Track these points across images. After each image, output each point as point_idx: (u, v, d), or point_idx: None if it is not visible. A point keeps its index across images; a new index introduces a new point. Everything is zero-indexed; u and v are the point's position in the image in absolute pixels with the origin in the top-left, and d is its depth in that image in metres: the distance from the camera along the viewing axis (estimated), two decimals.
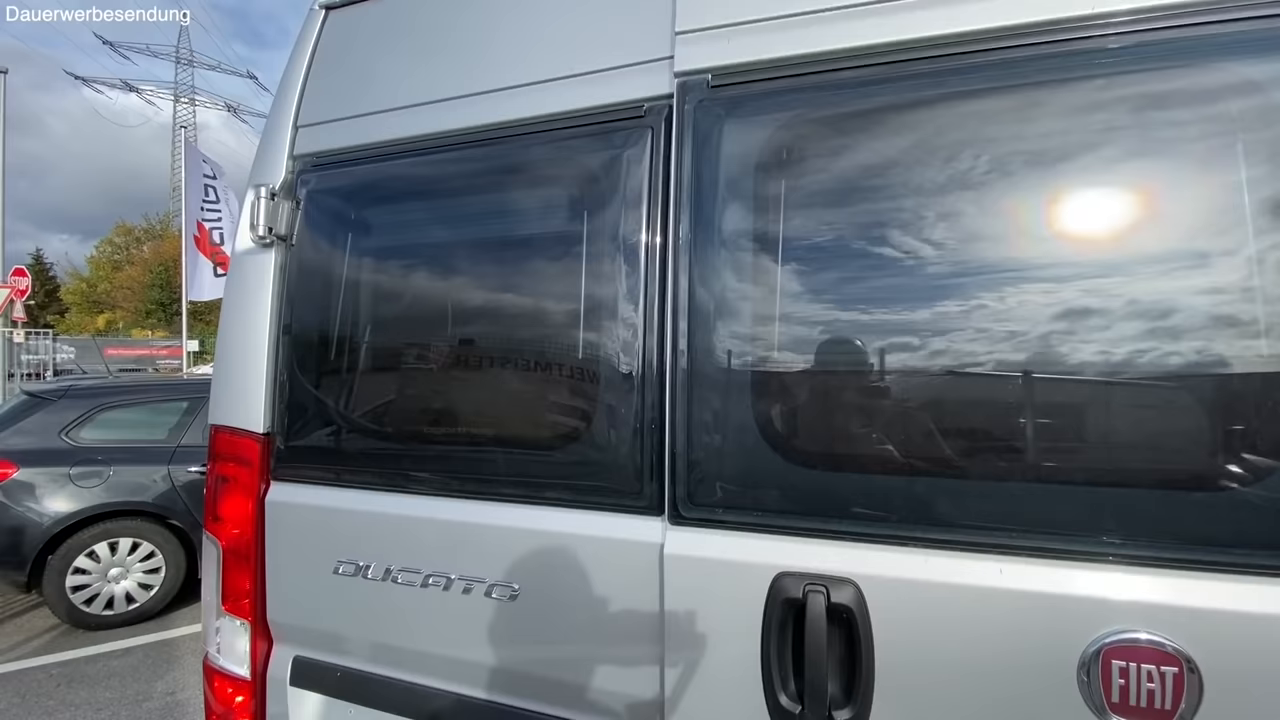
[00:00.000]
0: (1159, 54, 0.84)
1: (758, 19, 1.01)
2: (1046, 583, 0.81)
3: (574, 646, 1.09)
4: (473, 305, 1.27)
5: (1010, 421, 0.88)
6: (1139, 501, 0.80)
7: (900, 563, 0.88)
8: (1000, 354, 0.86)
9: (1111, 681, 0.78)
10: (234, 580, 1.37)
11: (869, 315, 0.94)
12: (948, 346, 0.89)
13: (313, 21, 1.47)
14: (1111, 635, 0.78)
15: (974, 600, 0.84)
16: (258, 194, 1.37)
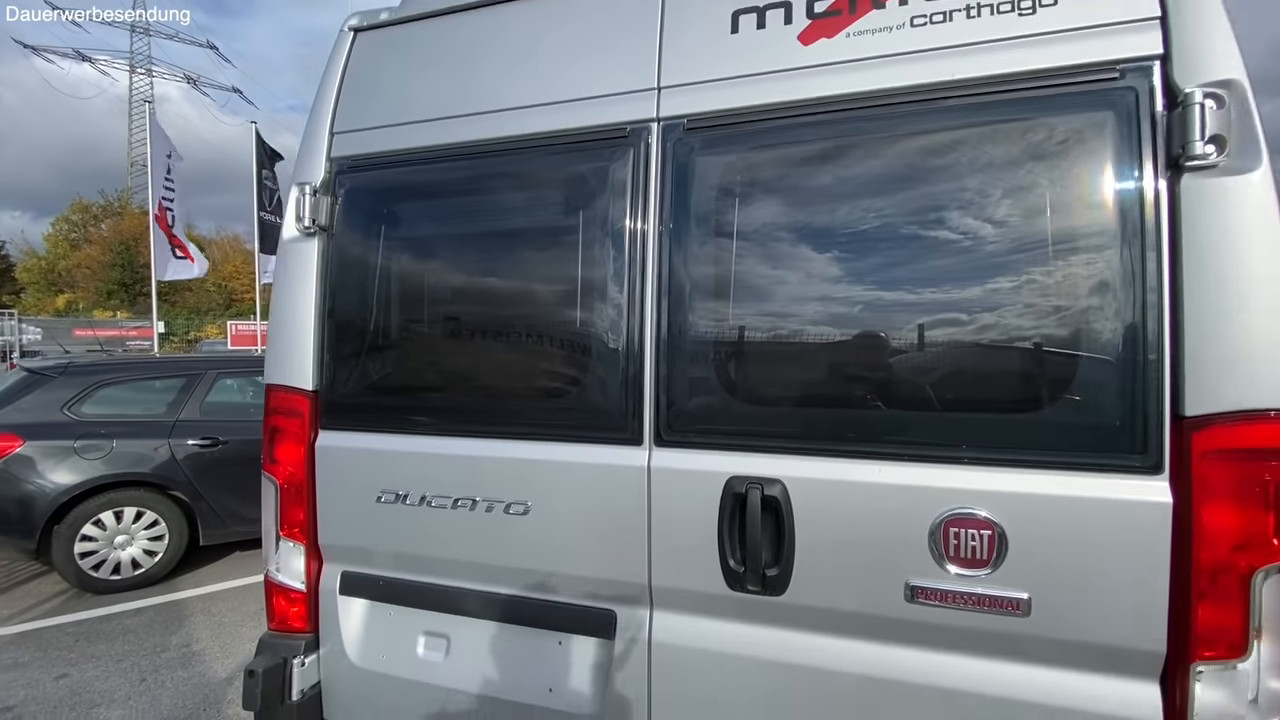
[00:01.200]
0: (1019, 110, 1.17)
1: (712, 79, 1.33)
2: (907, 478, 1.17)
3: (577, 545, 1.42)
4: (488, 285, 1.57)
5: (882, 370, 1.23)
6: (965, 421, 1.16)
7: (812, 467, 1.23)
8: (872, 327, 1.23)
9: (949, 541, 1.14)
10: (290, 512, 1.67)
11: (790, 298, 1.28)
12: (840, 322, 1.24)
13: (343, 42, 1.73)
14: (949, 511, 1.14)
15: (862, 491, 1.19)
16: (302, 190, 1.65)
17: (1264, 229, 1.01)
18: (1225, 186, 1.03)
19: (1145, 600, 1.06)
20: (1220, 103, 1.03)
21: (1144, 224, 1.08)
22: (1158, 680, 1.08)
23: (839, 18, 1.27)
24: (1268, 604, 1.01)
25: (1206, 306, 1.03)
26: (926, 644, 1.19)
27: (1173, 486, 1.05)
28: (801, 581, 1.24)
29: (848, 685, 1.24)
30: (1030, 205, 1.16)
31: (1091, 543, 1.09)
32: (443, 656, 1.59)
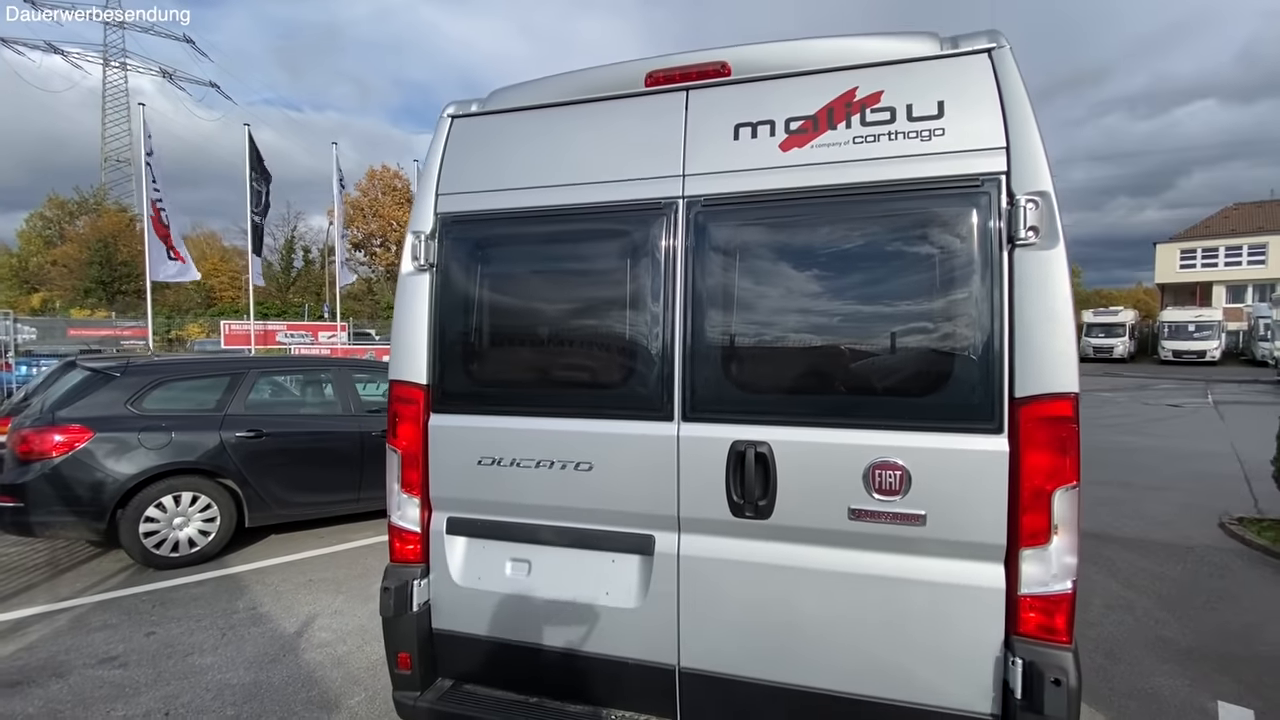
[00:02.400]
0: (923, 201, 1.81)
1: (720, 171, 1.96)
2: (850, 439, 1.82)
3: (627, 490, 2.05)
4: (560, 308, 2.18)
5: (834, 368, 1.88)
6: (886, 402, 1.82)
7: (789, 433, 1.87)
8: (827, 339, 1.88)
9: (875, 479, 1.79)
10: (409, 474, 2.27)
11: (772, 319, 1.93)
12: (806, 336, 1.89)
13: (443, 125, 2.33)
14: (876, 459, 1.79)
15: (821, 448, 1.84)
16: (417, 237, 2.25)
17: (1060, 284, 1.67)
18: (1040, 257, 1.69)
19: (993, 511, 1.72)
20: (1037, 205, 1.69)
21: (993, 277, 1.73)
22: (1002, 562, 1.74)
23: (806, 134, 1.91)
24: (1059, 510, 1.66)
25: (1028, 329, 1.69)
26: (861, 547, 1.84)
27: (1009, 441, 1.71)
28: (781, 509, 1.88)
29: (810, 576, 1.88)
30: (927, 261, 1.81)
31: (963, 477, 1.74)
32: (525, 575, 2.21)
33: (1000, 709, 1.73)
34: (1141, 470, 8.67)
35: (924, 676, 1.80)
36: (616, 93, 2.14)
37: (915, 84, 1.83)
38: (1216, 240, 38.98)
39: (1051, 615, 1.68)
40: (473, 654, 2.25)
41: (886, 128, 1.84)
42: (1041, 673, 1.63)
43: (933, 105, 1.81)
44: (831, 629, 1.87)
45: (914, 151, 1.81)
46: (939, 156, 1.79)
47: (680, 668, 2.02)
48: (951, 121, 1.79)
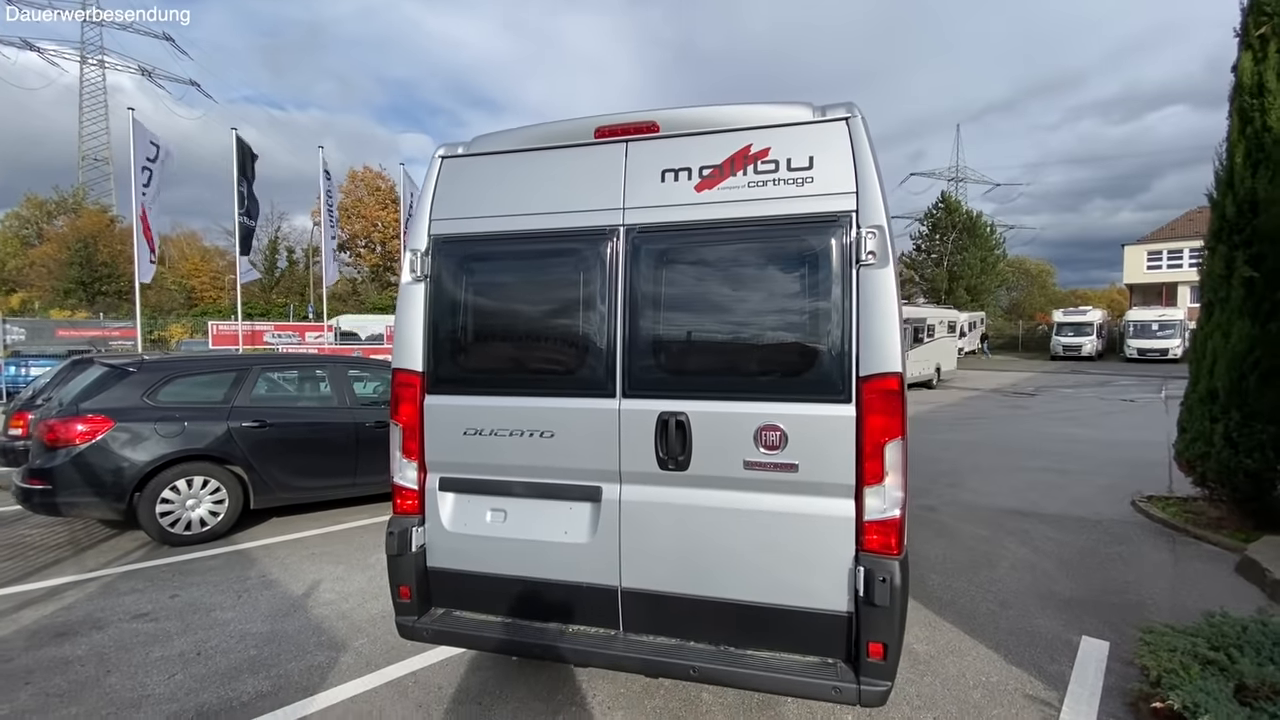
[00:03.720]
0: (797, 231, 2.42)
1: (651, 205, 2.56)
2: (743, 409, 2.42)
3: (580, 451, 2.63)
4: (529, 309, 2.77)
5: (733, 356, 2.49)
6: (770, 381, 2.43)
7: (701, 405, 2.47)
8: (727, 334, 2.48)
9: (761, 438, 2.40)
10: (408, 443, 2.84)
11: (690, 318, 2.53)
12: (713, 331, 2.50)
13: (435, 163, 2.90)
14: (763, 423, 2.40)
15: (723, 415, 2.44)
16: (414, 254, 2.82)
17: (890, 293, 2.29)
18: (877, 274, 2.31)
19: (845, 460, 2.33)
20: (875, 235, 2.31)
21: (845, 287, 2.34)
22: (852, 497, 2.35)
23: (714, 179, 2.51)
24: (890, 458, 2.28)
25: (867, 326, 2.30)
26: (753, 489, 2.44)
27: (855, 408, 2.32)
28: (695, 462, 2.48)
29: (716, 513, 2.48)
30: (799, 276, 2.42)
31: (824, 434, 2.35)
32: (502, 521, 2.79)
33: (852, 606, 2.35)
34: (1079, 459, 9.43)
35: (798, 585, 2.41)
36: (571, 142, 2.73)
37: (794, 142, 2.45)
38: (1181, 242, 40.38)
39: (887, 535, 2.30)
40: (460, 585, 2.83)
41: (773, 175, 2.46)
42: (875, 574, 2.25)
43: (805, 159, 2.42)
44: (732, 552, 2.48)
45: (792, 194, 2.42)
46: (810, 198, 2.40)
47: (622, 588, 2.61)
48: (819, 171, 2.41)
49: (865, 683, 2.28)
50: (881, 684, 2.28)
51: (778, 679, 2.37)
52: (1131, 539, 5.76)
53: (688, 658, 2.47)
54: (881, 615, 2.26)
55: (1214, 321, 5.77)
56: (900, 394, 2.29)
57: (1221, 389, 5.58)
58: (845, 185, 2.38)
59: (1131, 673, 3.34)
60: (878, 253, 2.31)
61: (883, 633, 2.27)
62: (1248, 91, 5.39)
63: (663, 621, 2.59)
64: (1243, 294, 5.44)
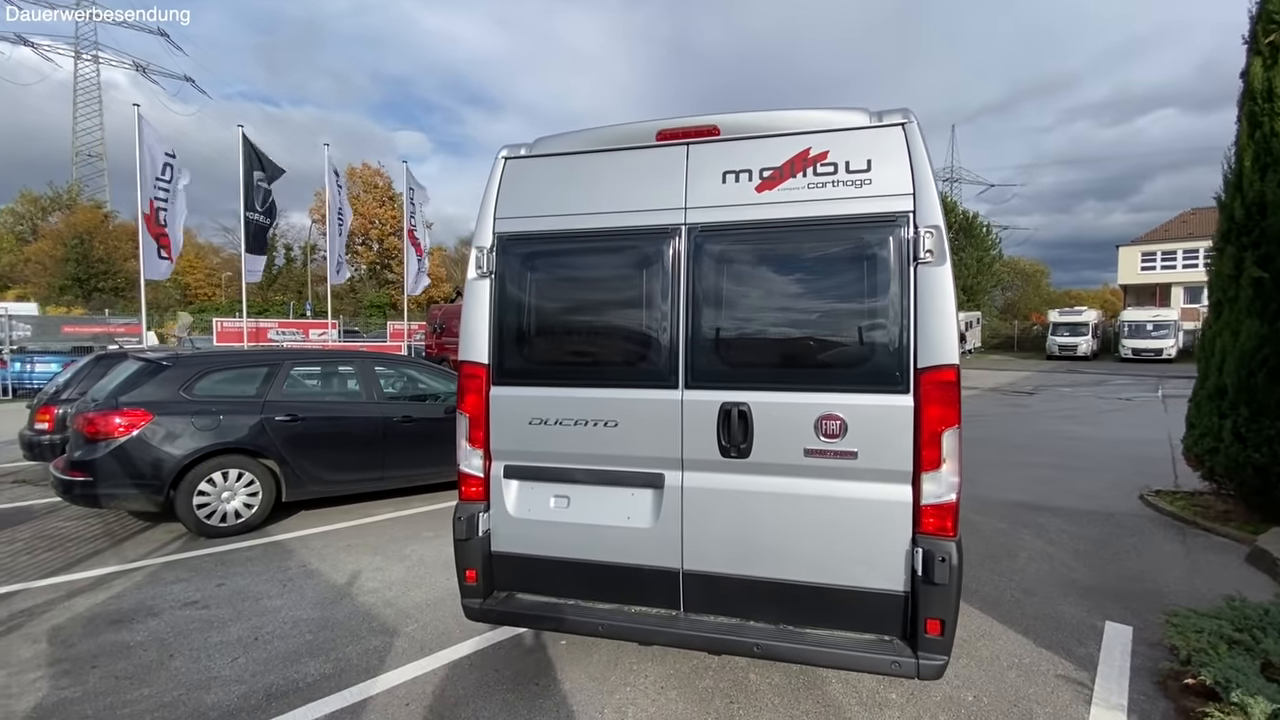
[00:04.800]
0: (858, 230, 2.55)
1: (713, 205, 2.69)
2: (804, 399, 2.55)
3: (644, 440, 2.76)
4: (595, 304, 2.89)
5: (796, 350, 2.62)
6: (832, 373, 2.56)
7: (762, 396, 2.60)
8: (791, 330, 2.61)
9: (822, 426, 2.53)
10: (475, 432, 2.96)
11: (753, 314, 2.65)
12: (778, 327, 2.63)
13: (498, 163, 3.02)
14: (823, 412, 2.53)
15: (784, 405, 2.57)
16: (480, 251, 2.94)
17: (947, 290, 2.42)
18: (934, 271, 2.44)
19: (904, 448, 2.46)
20: (933, 234, 2.44)
21: (904, 285, 2.48)
22: (909, 483, 2.49)
23: (775, 180, 2.64)
24: (947, 445, 2.41)
25: (925, 321, 2.44)
26: (813, 475, 2.57)
27: (913, 398, 2.46)
28: (757, 450, 2.61)
29: (777, 499, 2.61)
30: (858, 273, 2.55)
31: (883, 423, 2.49)
32: (565, 507, 2.91)
33: (909, 587, 2.48)
34: (1082, 455, 9.62)
35: (856, 566, 2.54)
36: (633, 144, 2.86)
37: (852, 146, 2.58)
38: (1175, 243, 40.90)
39: (943, 518, 2.44)
40: (523, 569, 2.95)
41: (832, 178, 2.59)
42: (934, 555, 2.39)
43: (864, 162, 2.56)
44: (791, 535, 2.61)
45: (851, 195, 2.56)
46: (868, 199, 2.54)
47: (683, 570, 2.74)
48: (877, 174, 2.54)
49: (924, 657, 2.41)
50: (939, 658, 2.41)
51: (838, 654, 2.50)
52: (1143, 531, 5.93)
53: (750, 635, 2.60)
54: (939, 593, 2.39)
55: (1223, 320, 5.94)
56: (956, 385, 2.42)
57: (1230, 386, 5.76)
58: (903, 187, 2.51)
59: (1157, 655, 3.50)
60: (935, 251, 2.44)
61: (940, 610, 2.40)
62: (1258, 96, 5.56)
63: (723, 602, 2.72)
64: (1251, 294, 5.61)
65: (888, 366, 2.50)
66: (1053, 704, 3.07)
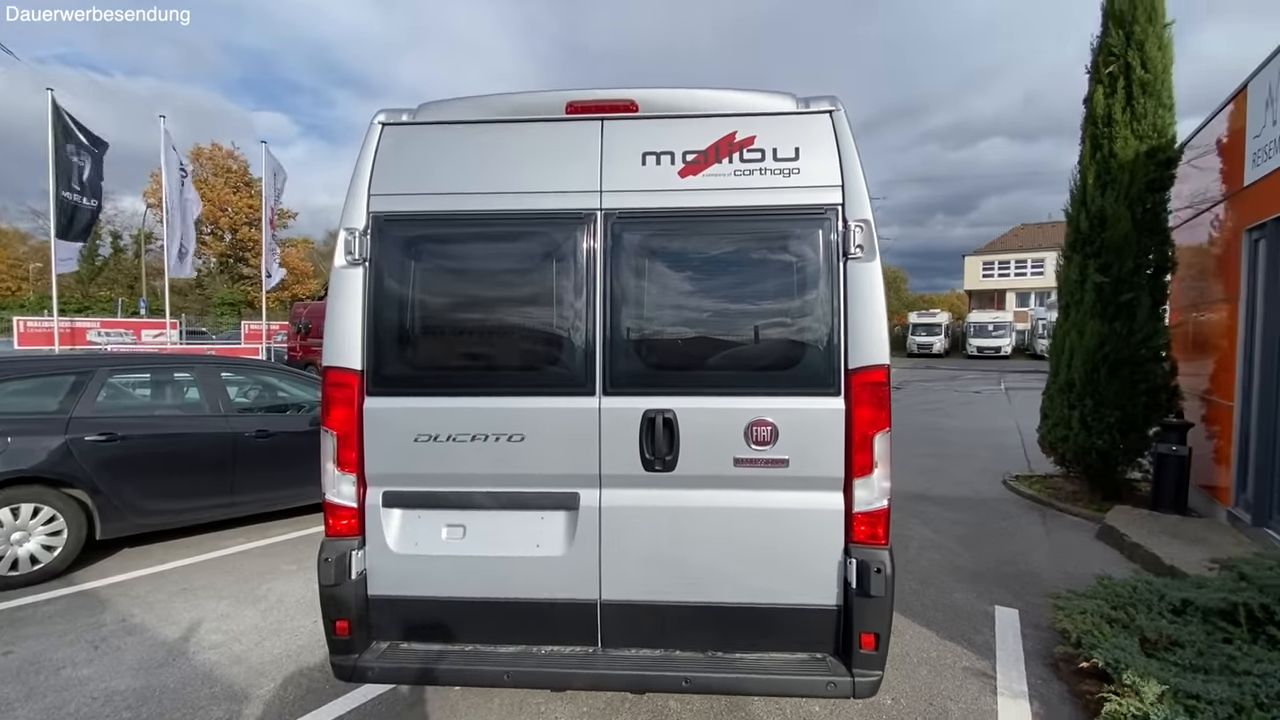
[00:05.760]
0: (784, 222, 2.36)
1: (632, 190, 2.39)
2: (734, 404, 2.32)
3: (556, 455, 2.40)
4: (495, 300, 2.48)
5: (722, 350, 2.39)
6: (761, 375, 2.36)
7: (688, 401, 2.34)
8: (715, 328, 2.37)
9: (752, 433, 2.32)
10: (344, 453, 2.44)
11: (676, 311, 2.39)
12: (702, 325, 2.38)
13: (374, 130, 2.52)
14: (753, 418, 2.32)
15: (712, 411, 2.33)
16: (350, 233, 2.43)
17: (877, 286, 2.30)
18: (864, 267, 2.31)
19: (835, 453, 2.32)
20: (863, 229, 2.31)
21: (834, 281, 2.33)
22: (841, 490, 2.34)
23: (699, 165, 2.39)
24: (879, 449, 2.30)
25: (856, 319, 2.30)
26: (742, 487, 2.36)
27: (844, 400, 2.32)
28: (683, 462, 2.35)
29: (704, 514, 2.37)
30: (788, 268, 2.37)
31: (814, 428, 2.32)
32: (461, 537, 2.48)
33: (842, 600, 2.33)
34: (950, 445, 10.48)
35: (788, 582, 2.36)
36: (539, 116, 2.49)
37: (779, 133, 2.39)
38: (1008, 254, 46.86)
39: (875, 526, 2.31)
40: (410, 614, 2.48)
41: (759, 164, 2.38)
42: (868, 566, 2.25)
43: (792, 150, 2.38)
44: (720, 554, 2.38)
45: (779, 184, 2.37)
46: (797, 189, 2.36)
47: (601, 600, 2.42)
48: (805, 163, 2.37)
49: (859, 674, 2.28)
50: (874, 674, 2.28)
51: (772, 680, 2.30)
52: (1011, 515, 6.46)
53: (678, 668, 2.34)
54: (874, 606, 2.26)
55: (1071, 321, 6.61)
56: (888, 385, 2.31)
57: (1078, 380, 6.42)
58: (831, 179, 2.36)
59: (1044, 636, 3.70)
60: (865, 246, 2.31)
61: (875, 623, 2.28)
62: (1099, 121, 6.23)
63: (646, 632, 2.43)
64: (1094, 298, 6.28)
65: (819, 367, 2.34)
66: (964, 698, 3.11)
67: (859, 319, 2.31)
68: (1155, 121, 6.02)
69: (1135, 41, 5.96)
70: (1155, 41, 5.94)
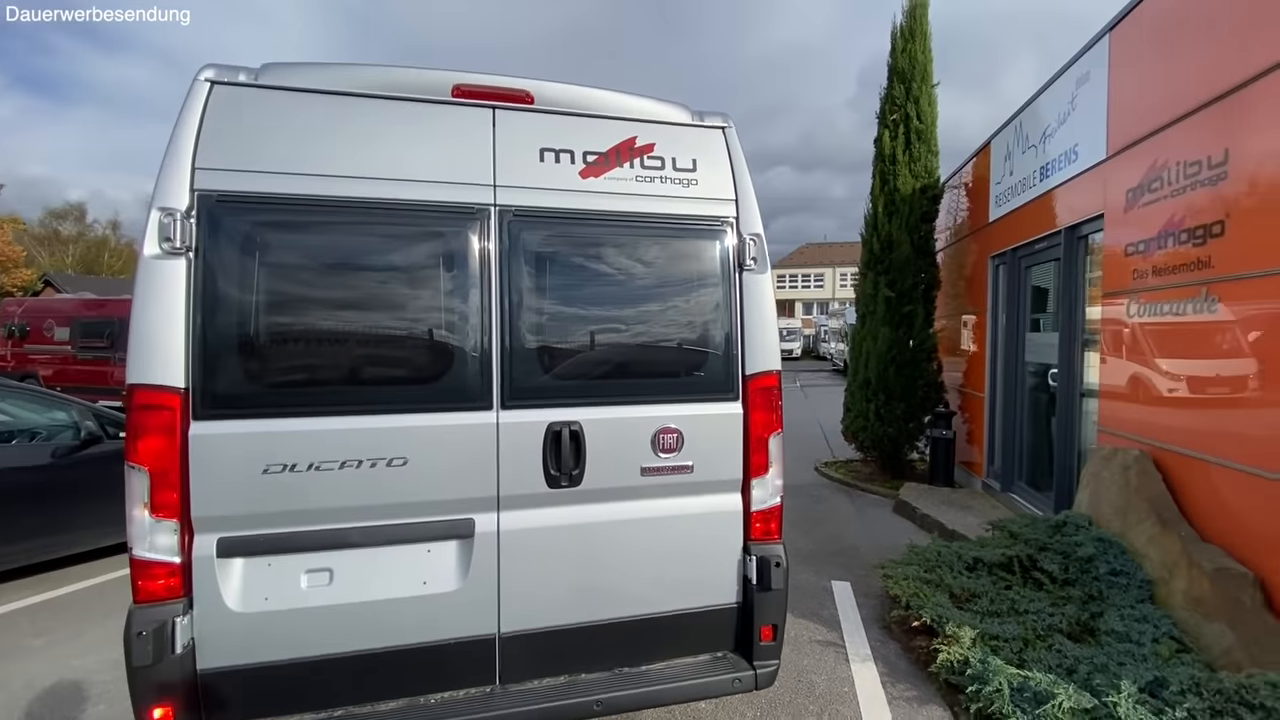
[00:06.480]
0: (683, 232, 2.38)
1: (530, 187, 2.23)
2: (640, 412, 2.29)
3: (444, 479, 2.14)
4: (363, 303, 2.12)
5: (624, 358, 2.34)
6: (661, 383, 2.35)
7: (595, 412, 2.25)
8: (619, 335, 2.32)
9: (659, 441, 2.30)
10: (161, 495, 1.91)
11: (580, 317, 2.28)
12: (606, 330, 2.30)
13: (199, 89, 2.03)
14: (660, 426, 2.31)
15: (619, 421, 2.27)
16: (169, 215, 1.93)
17: (769, 297, 2.44)
18: (758, 279, 2.43)
19: (734, 456, 2.40)
20: (756, 242, 2.43)
21: (730, 291, 2.41)
22: (739, 491, 2.44)
23: (601, 166, 2.32)
24: (773, 450, 2.43)
25: (751, 328, 2.41)
26: (649, 496, 2.33)
27: (742, 405, 2.41)
28: (590, 475, 2.25)
29: (612, 527, 2.30)
30: (691, 276, 2.41)
31: (716, 433, 2.38)
32: (327, 584, 2.09)
33: (742, 597, 2.42)
34: None
35: (693, 586, 2.39)
36: (420, 96, 2.21)
37: (678, 143, 2.42)
38: (795, 269, 53.70)
39: (769, 522, 2.44)
40: (259, 686, 2.02)
41: (660, 172, 2.38)
42: (768, 561, 2.36)
43: (690, 161, 2.42)
44: (627, 568, 2.32)
45: (679, 194, 2.39)
46: (696, 200, 2.40)
47: (500, 634, 2.21)
48: (703, 175, 2.42)
49: (760, 666, 2.38)
50: (773, 663, 2.41)
51: (681, 687, 2.30)
52: (825, 497, 7.33)
53: (587, 692, 2.23)
54: (773, 598, 2.39)
55: (867, 328, 7.73)
56: (779, 390, 2.45)
57: (873, 378, 7.52)
58: (727, 192, 2.45)
59: (874, 603, 4.24)
60: (758, 259, 2.44)
61: (774, 614, 2.40)
62: (886, 159, 7.38)
63: (548, 661, 2.28)
64: (885, 309, 7.41)
65: (721, 374, 2.41)
66: (824, 670, 3.43)
67: (754, 327, 2.42)
68: (926, 164, 7.31)
69: (913, 96, 7.19)
70: (927, 98, 7.22)
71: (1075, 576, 3.67)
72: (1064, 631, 3.30)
